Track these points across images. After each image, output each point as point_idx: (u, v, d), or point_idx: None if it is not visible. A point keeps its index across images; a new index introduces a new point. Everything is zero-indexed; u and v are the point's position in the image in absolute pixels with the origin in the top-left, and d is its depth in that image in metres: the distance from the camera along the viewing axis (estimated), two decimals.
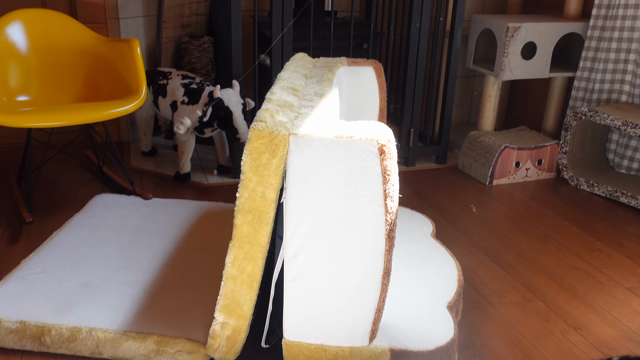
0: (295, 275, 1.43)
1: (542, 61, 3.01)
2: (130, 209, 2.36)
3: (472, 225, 2.46)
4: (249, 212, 1.39)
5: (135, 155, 3.09)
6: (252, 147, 1.34)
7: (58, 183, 2.71)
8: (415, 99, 2.98)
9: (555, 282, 2.06)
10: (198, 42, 3.18)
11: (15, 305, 1.67)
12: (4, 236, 2.21)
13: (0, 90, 2.38)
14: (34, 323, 1.61)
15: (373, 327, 1.48)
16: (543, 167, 2.99)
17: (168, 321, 1.65)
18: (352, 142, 1.31)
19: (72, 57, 2.59)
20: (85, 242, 2.06)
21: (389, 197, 1.34)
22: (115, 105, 2.28)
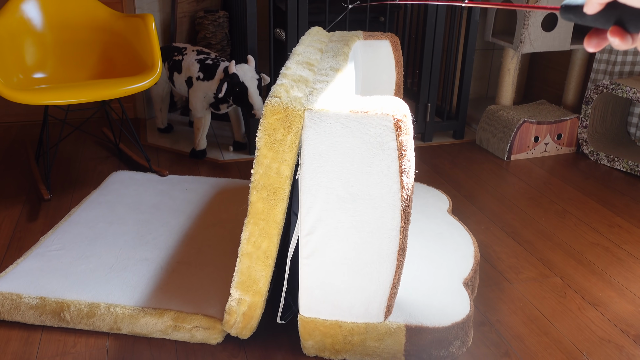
0: (311, 252, 1.42)
1: (563, 33, 2.94)
2: (146, 186, 2.37)
3: (489, 201, 2.44)
4: (264, 188, 1.38)
5: (151, 132, 3.09)
6: (266, 123, 1.33)
7: (75, 160, 2.73)
8: (432, 73, 2.94)
9: (573, 258, 2.04)
10: (213, 17, 3.16)
11: (35, 282, 1.70)
12: (23, 213, 2.24)
13: (16, 68, 2.38)
14: (53, 299, 1.63)
15: (388, 303, 1.48)
16: (562, 142, 2.94)
17: (185, 297, 1.66)
18: (367, 118, 1.29)
19: (87, 34, 2.59)
20: (103, 219, 2.08)
21: (405, 173, 1.33)
22: (130, 81, 2.27)
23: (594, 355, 1.59)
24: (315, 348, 1.54)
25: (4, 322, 1.65)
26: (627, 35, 0.56)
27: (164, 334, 1.60)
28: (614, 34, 0.56)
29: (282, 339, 1.61)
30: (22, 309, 1.62)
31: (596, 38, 0.59)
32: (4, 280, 1.69)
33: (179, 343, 1.59)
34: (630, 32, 0.56)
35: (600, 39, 0.59)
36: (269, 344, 1.60)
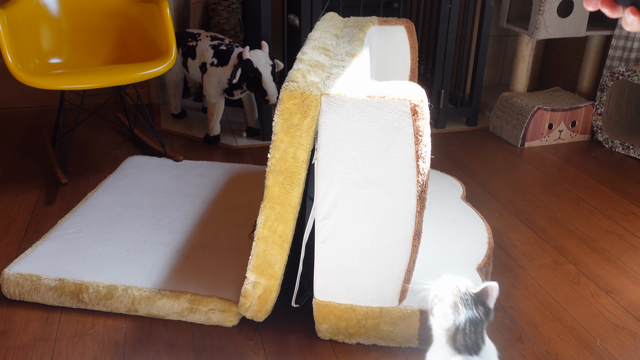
0: (326, 236, 1.44)
1: (579, 19, 2.91)
2: (161, 170, 2.39)
3: (502, 188, 2.44)
4: (280, 173, 1.39)
5: (165, 118, 3.11)
6: (283, 107, 1.33)
7: (91, 145, 2.75)
8: (446, 59, 2.92)
9: (587, 246, 2.04)
10: (227, 3, 3.16)
11: (54, 264, 1.72)
12: (41, 197, 2.26)
13: (33, 53, 2.40)
14: (72, 280, 1.66)
15: (403, 288, 1.49)
16: (577, 129, 2.92)
17: (201, 280, 1.68)
18: (384, 102, 1.29)
19: (102, 19, 2.60)
20: (119, 203, 2.10)
21: (421, 158, 1.33)
22: (145, 67, 2.28)
23: (608, 341, 1.59)
24: (329, 331, 1.56)
25: (24, 302, 1.68)
26: (617, 6, 0.60)
27: (180, 316, 1.62)
28: (604, 4, 0.61)
29: (296, 322, 1.63)
30: (41, 290, 1.65)
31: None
32: (24, 262, 1.72)
33: (195, 325, 1.61)
34: (619, 4, 0.60)
35: (598, 2, 0.62)
36: (283, 327, 1.61)
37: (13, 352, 1.50)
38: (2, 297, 1.70)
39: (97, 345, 1.53)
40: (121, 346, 1.53)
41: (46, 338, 1.55)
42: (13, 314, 1.64)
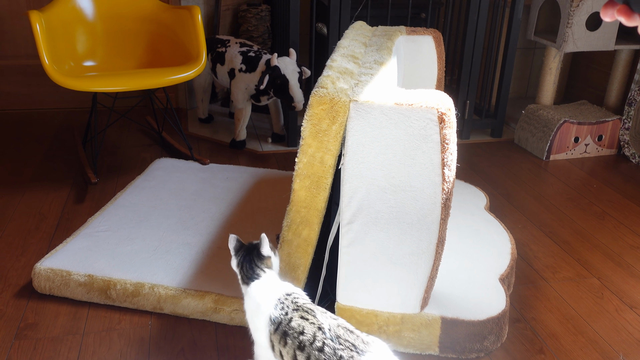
0: (351, 241, 1.45)
1: (607, 33, 2.90)
2: (188, 173, 2.44)
3: (526, 200, 2.43)
4: (307, 177, 1.41)
5: (192, 122, 3.16)
6: (312, 113, 1.36)
7: (120, 147, 2.81)
8: (472, 70, 2.93)
9: (611, 260, 2.03)
10: (256, 11, 3.21)
11: (84, 260, 1.77)
12: (71, 195, 2.32)
13: (68, 55, 2.47)
14: (100, 277, 1.70)
15: (425, 294, 1.50)
16: (603, 143, 2.91)
17: (225, 281, 1.71)
18: (412, 110, 1.31)
19: (135, 24, 2.66)
20: (147, 204, 2.15)
21: (447, 166, 1.35)
22: (176, 71, 2.33)
23: (631, 357, 1.58)
24: None
25: (53, 297, 1.72)
26: (633, 14, 0.61)
27: (204, 315, 1.65)
28: (620, 12, 0.61)
29: None
30: (71, 285, 1.69)
31: (611, 9, 0.63)
32: (55, 257, 1.77)
33: (219, 325, 1.64)
34: (635, 12, 0.61)
35: (614, 12, 0.63)
36: None
37: (42, 344, 1.54)
38: (33, 290, 1.75)
39: (123, 340, 1.57)
40: (146, 342, 1.57)
41: (74, 332, 1.59)
42: (43, 308, 1.68)
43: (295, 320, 1.23)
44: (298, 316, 1.24)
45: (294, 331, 1.22)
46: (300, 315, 1.24)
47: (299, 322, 1.23)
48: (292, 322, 1.24)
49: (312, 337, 1.20)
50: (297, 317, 1.24)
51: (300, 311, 1.25)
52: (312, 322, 1.22)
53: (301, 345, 1.20)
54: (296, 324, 1.23)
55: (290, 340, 1.22)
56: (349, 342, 1.19)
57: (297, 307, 1.26)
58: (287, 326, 1.23)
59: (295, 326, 1.23)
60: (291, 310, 1.25)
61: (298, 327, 1.22)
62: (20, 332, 1.59)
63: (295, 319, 1.24)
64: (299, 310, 1.25)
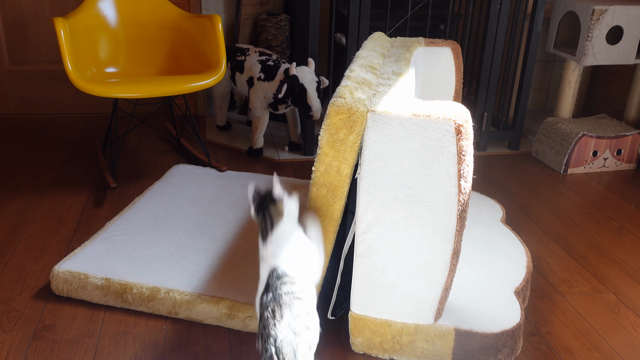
0: (366, 250, 1.46)
1: (628, 47, 2.88)
2: (205, 179, 2.46)
3: (543, 214, 2.42)
4: (323, 186, 1.43)
5: (210, 129, 3.19)
6: (330, 122, 1.37)
7: (139, 152, 2.85)
8: (490, 82, 2.93)
9: (629, 276, 2.01)
10: (275, 20, 3.24)
11: (101, 264, 1.79)
12: (90, 199, 2.35)
13: (90, 61, 2.51)
14: (117, 280, 1.72)
15: (439, 306, 1.50)
16: (622, 158, 2.88)
17: (240, 288, 1.72)
18: (429, 121, 1.32)
19: (157, 32, 2.70)
20: (164, 209, 2.17)
21: (463, 178, 1.35)
22: (196, 79, 2.36)
23: None
24: (364, 345, 1.58)
25: (70, 299, 1.75)
26: None
27: (218, 321, 1.66)
28: None
29: (332, 334, 1.65)
30: (88, 288, 1.72)
31: None
32: (73, 260, 1.80)
33: (232, 331, 1.65)
34: None
35: None
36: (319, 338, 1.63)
37: (59, 346, 1.57)
38: (50, 292, 1.77)
39: (138, 344, 1.59)
40: (161, 347, 1.58)
41: (90, 334, 1.61)
42: (60, 310, 1.71)
43: (266, 313, 1.20)
44: (270, 310, 1.20)
45: (265, 322, 1.19)
46: (271, 310, 1.20)
47: (267, 317, 1.20)
48: (265, 311, 1.21)
49: (264, 347, 1.16)
50: (269, 310, 1.20)
51: (272, 304, 1.21)
52: (270, 329, 1.18)
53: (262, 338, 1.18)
54: (266, 316, 1.20)
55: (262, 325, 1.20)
56: None
57: (273, 299, 1.22)
58: (263, 313, 1.21)
59: (265, 317, 1.20)
60: (269, 299, 1.22)
61: (266, 321, 1.19)
62: (37, 333, 1.61)
63: (268, 309, 1.20)
64: (271, 304, 1.21)
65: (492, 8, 2.80)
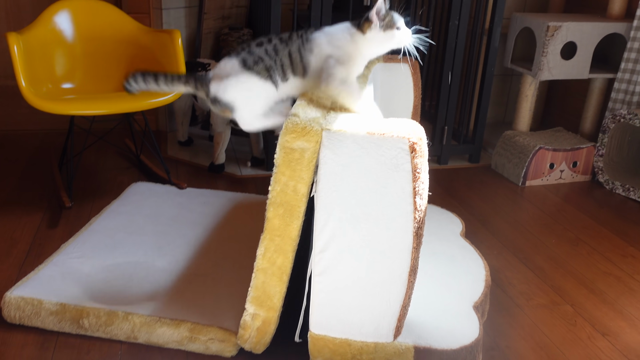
0: (323, 269, 1.45)
1: (582, 62, 2.96)
2: (165, 197, 2.42)
3: (502, 226, 2.45)
4: (280, 205, 1.42)
5: (171, 145, 3.16)
6: (284, 141, 1.36)
7: (97, 170, 2.79)
8: (450, 96, 2.97)
9: (585, 287, 2.04)
10: (237, 34, 3.23)
11: (56, 288, 1.74)
12: (44, 220, 2.29)
13: (46, 77, 2.46)
14: (73, 305, 1.67)
15: (398, 323, 1.50)
16: (578, 170, 2.95)
17: (201, 309, 1.69)
18: (383, 139, 1.33)
19: (115, 46, 2.66)
20: (122, 229, 2.13)
21: (419, 195, 1.36)
22: (155, 95, 2.33)
23: None
24: None
25: (21, 326, 1.69)
26: None
27: (179, 345, 1.62)
28: None
29: (292, 355, 1.63)
30: (42, 314, 1.66)
31: None
32: (26, 285, 1.74)
33: (191, 354, 1.62)
34: None
35: None
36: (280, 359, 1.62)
37: None
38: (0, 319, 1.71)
39: None
40: None
41: None
42: (10, 337, 1.65)
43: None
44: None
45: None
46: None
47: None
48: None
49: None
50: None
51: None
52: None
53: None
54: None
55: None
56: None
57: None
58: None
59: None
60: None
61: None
62: None
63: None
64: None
65: (451, 24, 2.84)
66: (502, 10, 2.87)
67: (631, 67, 2.91)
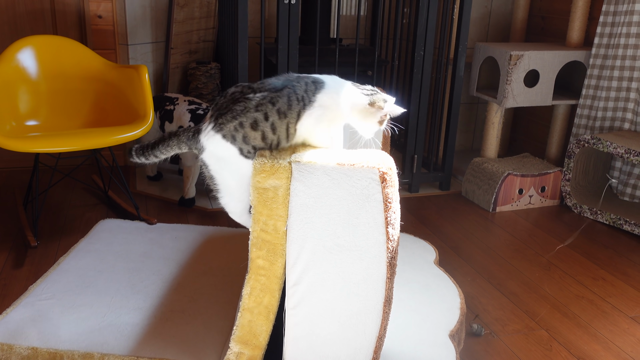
0: (297, 302, 1.43)
1: (545, 89, 3.03)
2: (135, 234, 2.38)
3: (475, 253, 2.46)
4: (262, 245, 1.40)
5: (140, 180, 3.12)
6: (256, 182, 1.36)
7: (63, 207, 2.73)
8: (419, 125, 3.01)
9: (558, 311, 2.06)
10: (205, 69, 3.23)
11: (26, 332, 1.67)
12: (9, 260, 2.23)
13: (9, 115, 2.41)
14: (45, 349, 1.61)
15: (374, 355, 1.48)
16: (546, 194, 3.00)
17: (180, 346, 1.65)
18: (354, 170, 1.33)
19: (81, 83, 2.64)
20: (92, 268, 2.07)
21: (391, 225, 1.35)
22: (123, 130, 2.31)
23: None
24: None
25: None
26: None
27: None
28: None
29: None
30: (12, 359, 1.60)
31: None
32: None
33: None
34: None
35: None
36: None
37: None
38: None
39: None
40: None
41: None
42: None
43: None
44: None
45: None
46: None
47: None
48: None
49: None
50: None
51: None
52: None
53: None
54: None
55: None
56: None
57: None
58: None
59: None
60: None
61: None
62: None
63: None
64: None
65: (417, 54, 2.90)
66: (465, 40, 2.94)
67: (592, 93, 2.99)
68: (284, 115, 1.36)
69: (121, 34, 3.09)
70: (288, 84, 1.39)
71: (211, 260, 2.19)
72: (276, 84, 1.40)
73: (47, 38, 2.59)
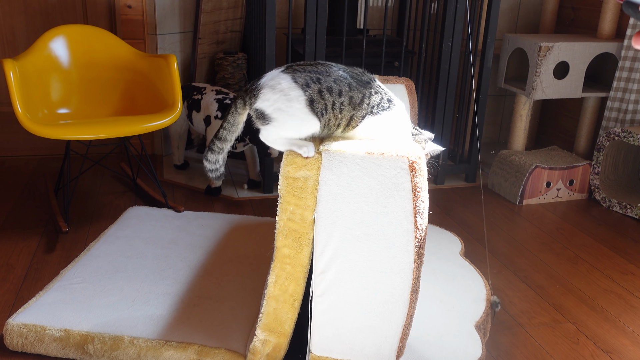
0: (324, 290, 1.44)
1: (574, 81, 2.99)
2: (163, 221, 2.41)
3: (501, 245, 2.45)
4: (289, 234, 1.42)
5: (167, 168, 3.15)
6: (286, 171, 1.37)
7: (93, 194, 2.78)
8: (445, 117, 2.99)
9: (586, 305, 2.04)
10: (232, 59, 3.25)
11: (59, 314, 1.72)
12: (41, 245, 2.28)
13: (42, 103, 2.46)
14: (77, 331, 1.65)
15: (400, 344, 1.49)
16: (574, 188, 2.96)
17: (207, 331, 1.68)
18: (383, 159, 1.33)
19: (111, 72, 2.68)
20: (122, 254, 2.11)
21: (419, 214, 1.36)
22: (151, 119, 2.34)
23: None
24: None
25: (24, 354, 1.67)
26: None
27: None
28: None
29: None
30: (45, 341, 1.64)
31: None
32: (28, 312, 1.72)
33: None
34: None
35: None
36: None
37: None
38: (2, 347, 1.68)
39: None
40: None
41: None
42: None
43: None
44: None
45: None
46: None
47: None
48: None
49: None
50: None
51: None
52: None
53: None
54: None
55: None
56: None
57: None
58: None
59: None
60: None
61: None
62: None
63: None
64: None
65: (444, 45, 2.87)
66: (494, 31, 2.91)
67: (623, 86, 2.94)
68: (353, 105, 1.38)
69: (150, 24, 3.12)
70: (366, 86, 1.41)
71: (237, 247, 2.21)
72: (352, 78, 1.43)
73: (78, 27, 2.63)
